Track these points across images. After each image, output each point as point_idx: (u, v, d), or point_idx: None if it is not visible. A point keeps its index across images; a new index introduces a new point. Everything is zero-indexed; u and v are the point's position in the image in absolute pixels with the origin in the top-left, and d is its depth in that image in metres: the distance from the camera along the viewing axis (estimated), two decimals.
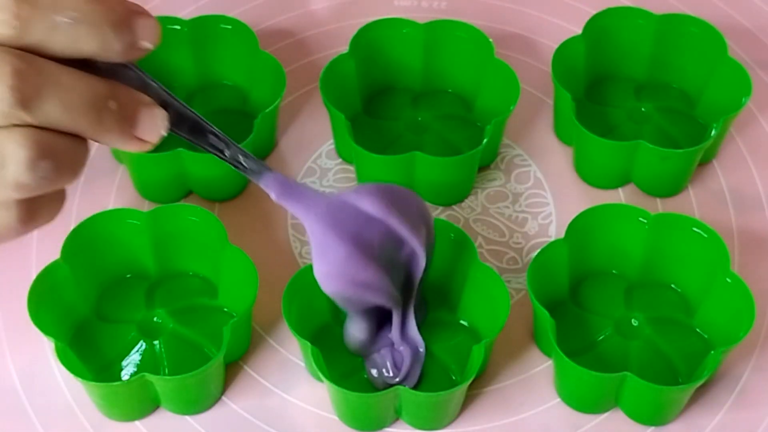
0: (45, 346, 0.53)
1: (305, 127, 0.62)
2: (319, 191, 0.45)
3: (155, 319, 0.53)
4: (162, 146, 0.58)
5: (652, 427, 0.51)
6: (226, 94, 0.62)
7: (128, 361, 0.51)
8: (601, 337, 0.52)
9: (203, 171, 0.57)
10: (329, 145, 0.61)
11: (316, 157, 0.61)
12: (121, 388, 0.49)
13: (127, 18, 0.38)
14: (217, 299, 0.54)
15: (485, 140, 0.56)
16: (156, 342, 0.52)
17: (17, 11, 0.36)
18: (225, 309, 0.53)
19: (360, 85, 0.60)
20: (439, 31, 0.60)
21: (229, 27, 0.61)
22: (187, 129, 0.42)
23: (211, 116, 0.60)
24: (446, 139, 0.59)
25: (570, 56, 0.60)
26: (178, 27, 0.60)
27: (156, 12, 0.65)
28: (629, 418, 0.51)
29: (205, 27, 0.61)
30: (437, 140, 0.59)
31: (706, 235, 0.52)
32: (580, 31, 0.60)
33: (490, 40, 0.59)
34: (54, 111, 0.36)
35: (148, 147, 0.41)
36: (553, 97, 0.61)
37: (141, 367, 0.51)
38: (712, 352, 0.49)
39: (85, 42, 0.37)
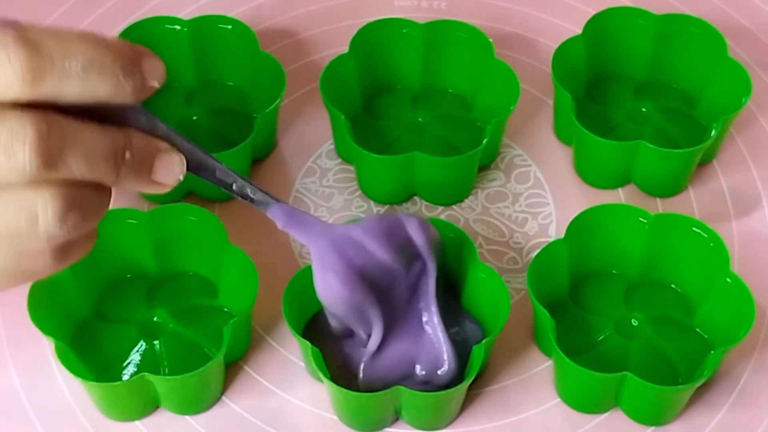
0: (45, 346, 0.53)
1: (305, 127, 0.62)
2: (322, 221, 0.48)
3: (155, 319, 0.53)
4: None
5: (652, 427, 0.51)
6: (226, 94, 0.62)
7: (128, 361, 0.51)
8: (601, 337, 0.52)
9: None
10: (329, 145, 0.61)
11: (316, 157, 0.61)
12: (121, 388, 0.49)
13: (134, 59, 0.39)
14: (217, 299, 0.54)
15: (485, 140, 0.56)
16: (156, 342, 0.52)
17: (30, 63, 0.36)
18: (225, 309, 0.53)
19: (360, 85, 0.60)
20: (439, 31, 0.60)
21: (229, 27, 0.61)
22: (195, 166, 0.43)
23: (211, 116, 0.60)
24: (446, 140, 0.59)
25: (570, 56, 0.60)
26: (178, 27, 0.60)
27: (156, 12, 0.65)
28: (629, 418, 0.51)
29: (205, 27, 0.61)
30: (437, 140, 0.59)
31: (706, 235, 0.52)
32: (580, 31, 0.60)
33: (490, 40, 0.59)
34: (77, 166, 0.38)
35: (166, 189, 0.42)
36: (553, 97, 0.61)
37: (141, 367, 0.51)
38: (712, 352, 0.49)
39: (98, 86, 0.38)
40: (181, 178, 0.42)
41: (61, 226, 0.38)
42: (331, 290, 0.47)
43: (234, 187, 0.45)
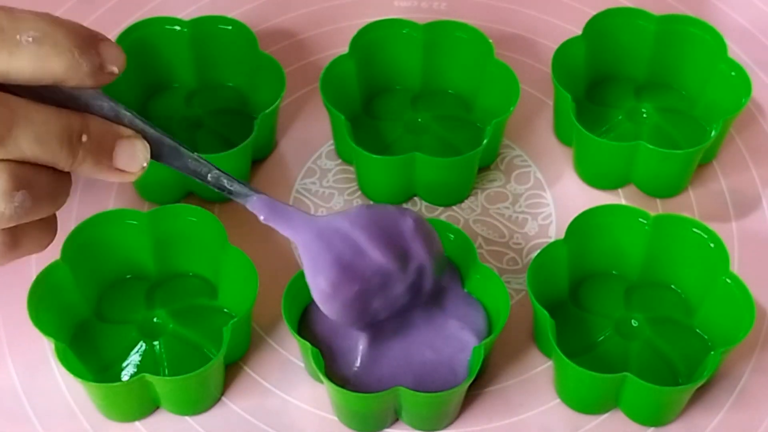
0: (45, 346, 0.53)
1: (305, 128, 0.62)
2: (306, 213, 0.46)
3: (155, 319, 0.53)
4: None
5: (652, 428, 0.51)
6: (226, 95, 0.62)
7: (128, 361, 0.51)
8: (601, 338, 0.52)
9: None
10: (329, 145, 0.61)
11: (316, 158, 0.61)
12: (121, 388, 0.49)
13: (91, 40, 0.38)
14: (217, 300, 0.54)
15: (485, 141, 0.56)
16: (156, 342, 0.52)
17: None
18: (225, 309, 0.53)
19: (360, 85, 0.60)
20: (439, 31, 0.60)
21: (229, 27, 0.61)
22: (163, 155, 0.42)
23: (211, 116, 0.60)
24: (446, 140, 0.59)
25: (570, 57, 0.60)
26: (178, 27, 0.60)
27: (156, 12, 0.65)
28: (629, 418, 0.51)
29: (205, 27, 0.61)
30: (437, 141, 0.59)
31: (706, 236, 0.52)
32: (580, 32, 0.60)
33: (490, 40, 0.59)
34: (27, 145, 0.37)
35: (131, 178, 0.41)
36: (553, 97, 0.61)
37: (141, 368, 0.51)
38: (712, 352, 0.49)
39: (52, 62, 0.37)
40: (145, 165, 0.41)
41: (8, 204, 0.37)
42: (320, 293, 0.46)
43: (209, 177, 0.43)
